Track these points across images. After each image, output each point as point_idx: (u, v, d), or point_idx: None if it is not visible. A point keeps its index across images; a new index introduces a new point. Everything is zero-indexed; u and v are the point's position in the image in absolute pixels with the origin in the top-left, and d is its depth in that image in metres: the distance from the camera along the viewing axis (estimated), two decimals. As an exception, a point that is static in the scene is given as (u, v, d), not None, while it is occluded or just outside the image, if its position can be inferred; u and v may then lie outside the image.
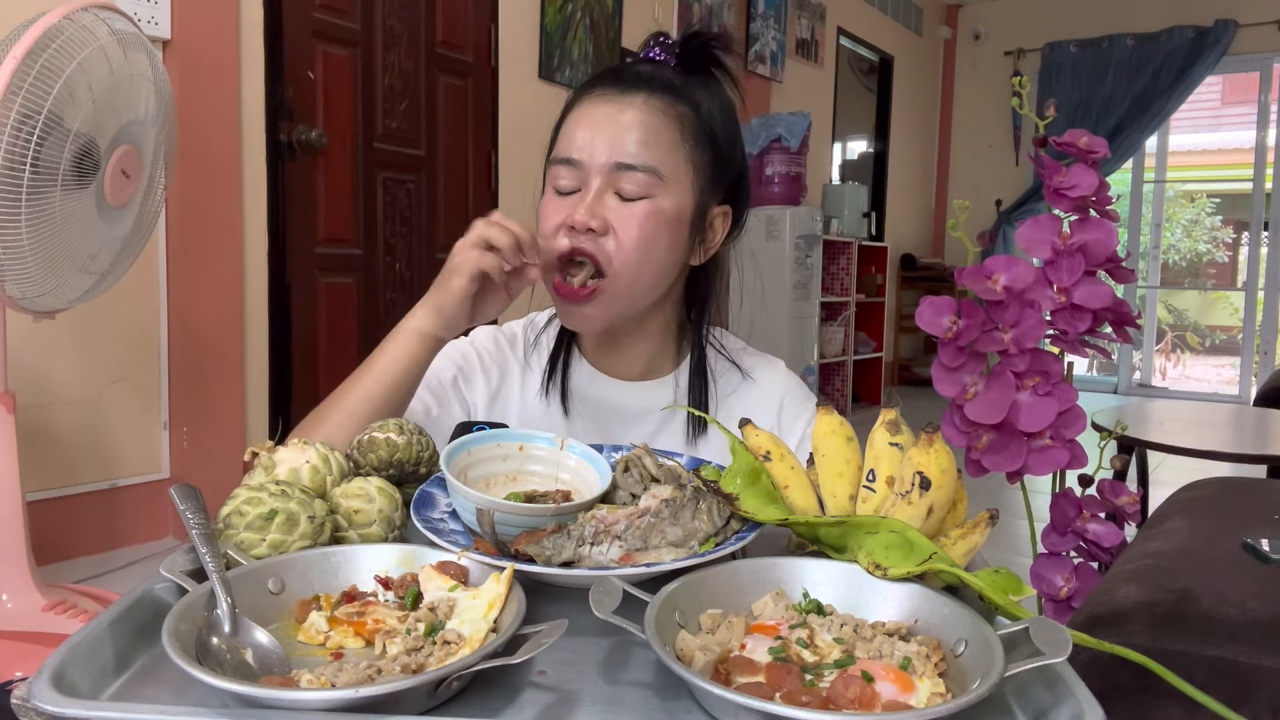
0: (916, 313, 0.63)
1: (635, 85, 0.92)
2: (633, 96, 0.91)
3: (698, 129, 0.94)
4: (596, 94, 0.93)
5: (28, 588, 1.76)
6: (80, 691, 0.46)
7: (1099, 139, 0.65)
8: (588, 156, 0.90)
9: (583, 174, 0.91)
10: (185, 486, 0.62)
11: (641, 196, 0.90)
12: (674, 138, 0.92)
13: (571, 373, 1.03)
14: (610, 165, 0.90)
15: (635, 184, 0.90)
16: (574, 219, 0.89)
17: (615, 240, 0.90)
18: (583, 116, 0.92)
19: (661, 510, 0.63)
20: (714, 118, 0.96)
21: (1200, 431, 2.70)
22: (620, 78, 0.93)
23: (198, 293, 2.55)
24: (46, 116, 1.56)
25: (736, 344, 1.09)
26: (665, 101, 0.92)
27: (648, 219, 0.90)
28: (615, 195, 0.90)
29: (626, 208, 0.90)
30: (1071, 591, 0.72)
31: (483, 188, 3.49)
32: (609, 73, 0.95)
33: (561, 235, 0.91)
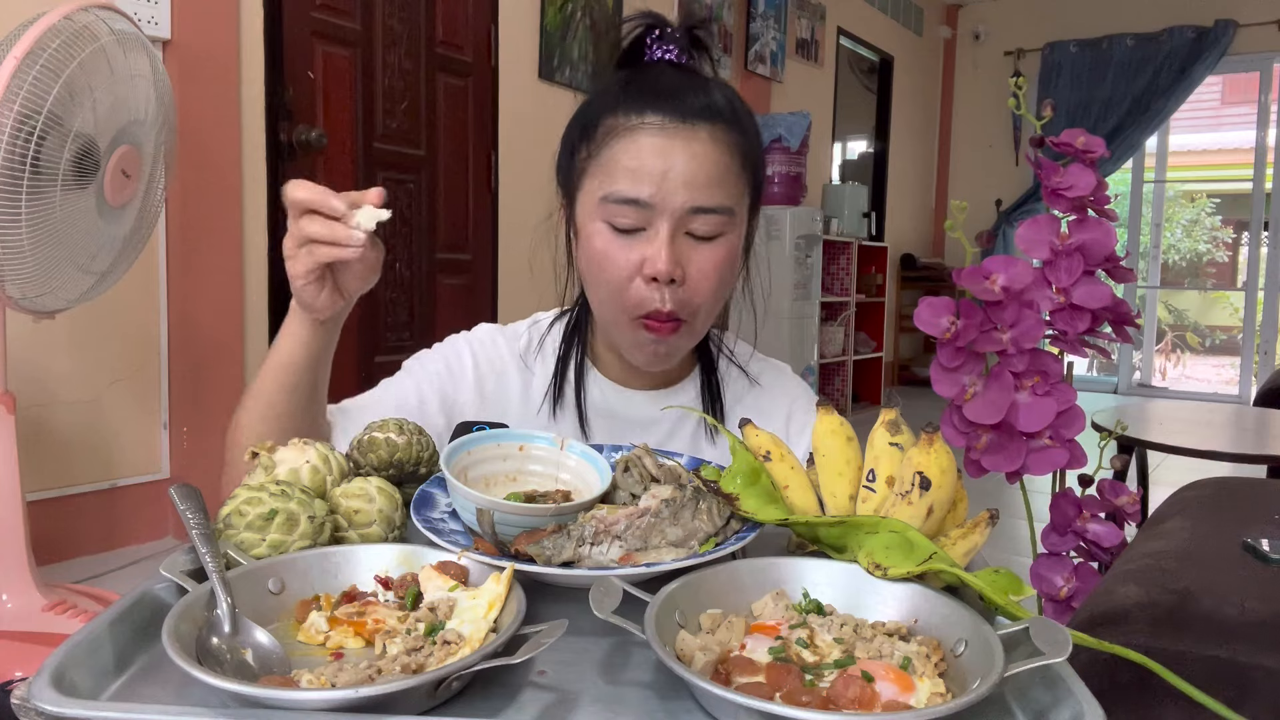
0: (915, 313, 0.63)
1: (695, 115, 0.84)
2: (696, 128, 0.84)
3: (750, 153, 0.89)
4: (652, 123, 0.84)
5: (28, 588, 1.76)
6: (80, 691, 0.46)
7: (1096, 139, 0.65)
8: (659, 198, 0.83)
9: (650, 215, 0.84)
10: (185, 486, 0.62)
11: (715, 236, 0.86)
12: (736, 171, 0.87)
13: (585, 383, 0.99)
14: (686, 209, 0.84)
15: (709, 225, 0.85)
16: (657, 269, 0.83)
17: (693, 289, 0.86)
18: (642, 150, 0.84)
19: (661, 510, 0.63)
20: (753, 132, 0.91)
21: (1200, 431, 2.70)
22: (675, 104, 0.84)
23: (198, 293, 2.55)
24: (46, 116, 1.56)
25: (744, 349, 1.07)
26: (725, 131, 0.86)
27: (723, 263, 0.87)
28: (686, 235, 0.85)
29: (702, 252, 0.85)
30: (1071, 591, 0.72)
31: (483, 188, 3.49)
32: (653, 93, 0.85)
33: (639, 284, 0.85)
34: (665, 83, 0.86)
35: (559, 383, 0.99)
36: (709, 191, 0.84)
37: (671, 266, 0.83)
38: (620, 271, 0.85)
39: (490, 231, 3.52)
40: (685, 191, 0.83)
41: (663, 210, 0.84)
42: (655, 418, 0.99)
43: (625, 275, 0.85)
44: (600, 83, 0.93)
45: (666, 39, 0.90)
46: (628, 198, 0.84)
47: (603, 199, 0.85)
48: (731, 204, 0.86)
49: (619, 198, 0.84)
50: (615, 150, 0.85)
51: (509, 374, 1.01)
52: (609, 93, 0.88)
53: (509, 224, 3.54)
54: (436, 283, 3.33)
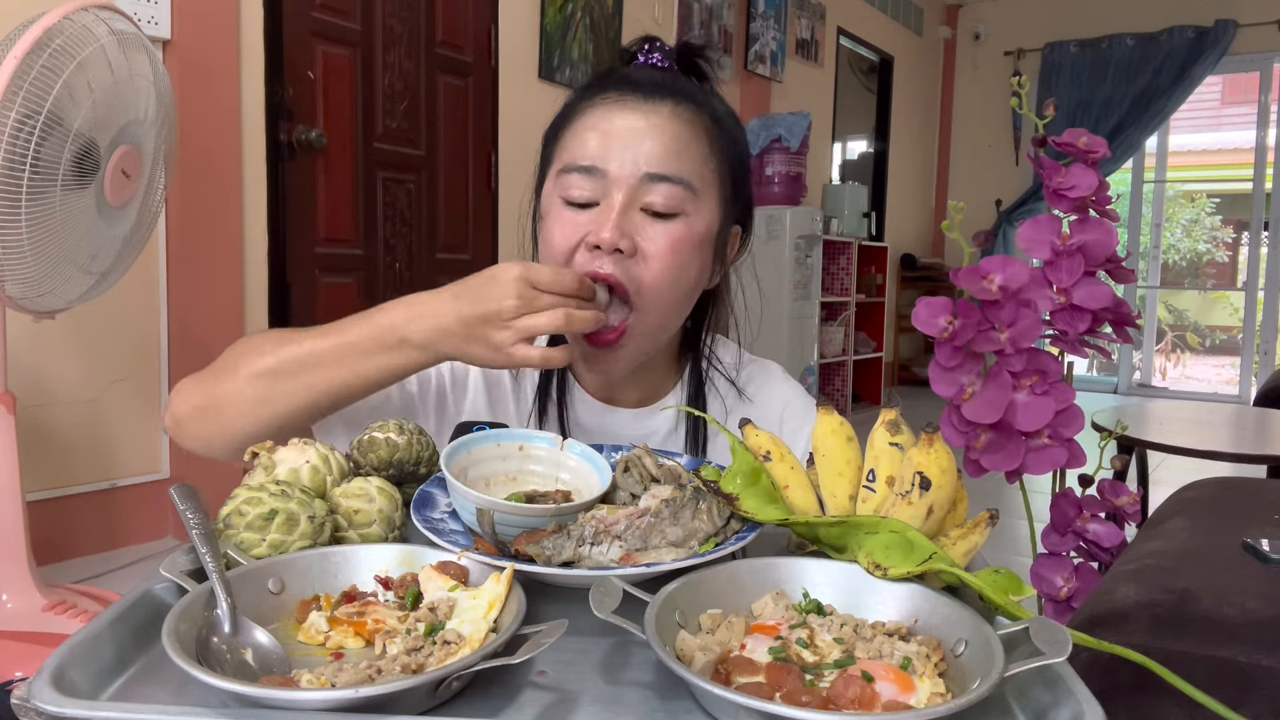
0: (912, 313, 0.63)
1: (659, 92, 0.84)
2: (659, 103, 0.83)
3: (721, 141, 0.87)
4: (613, 99, 0.84)
5: (28, 588, 1.76)
6: (80, 691, 0.46)
7: (1098, 139, 0.65)
8: (614, 165, 0.81)
9: (603, 185, 0.81)
10: (185, 486, 0.62)
11: (673, 213, 0.82)
12: (703, 150, 0.84)
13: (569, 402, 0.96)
14: (640, 176, 0.81)
15: (666, 198, 0.81)
16: (600, 237, 0.79)
17: (644, 264, 0.81)
18: (600, 122, 0.83)
19: (661, 510, 0.63)
20: (732, 130, 0.89)
21: (1200, 431, 2.70)
22: (640, 84, 0.85)
23: (198, 293, 2.55)
24: (46, 116, 1.56)
25: (730, 353, 1.03)
26: (691, 111, 0.85)
27: (680, 241, 0.82)
28: (642, 211, 0.82)
29: (657, 226, 0.81)
30: (1071, 591, 0.72)
31: (483, 188, 3.49)
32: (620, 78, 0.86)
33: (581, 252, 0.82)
34: (635, 72, 0.87)
35: (543, 400, 0.96)
36: (666, 160, 0.81)
37: (616, 234, 0.79)
38: (565, 240, 0.82)
39: (490, 231, 3.52)
40: (640, 157, 0.81)
41: (617, 178, 0.81)
42: (640, 435, 0.96)
43: (570, 245, 0.82)
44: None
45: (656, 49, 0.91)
46: (580, 165, 0.82)
47: (559, 173, 0.84)
48: (692, 179, 0.82)
49: (574, 166, 0.82)
50: (576, 125, 0.85)
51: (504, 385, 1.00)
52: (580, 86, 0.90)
53: (509, 224, 3.54)
54: (436, 283, 3.30)
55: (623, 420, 0.97)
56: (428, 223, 3.28)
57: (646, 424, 0.97)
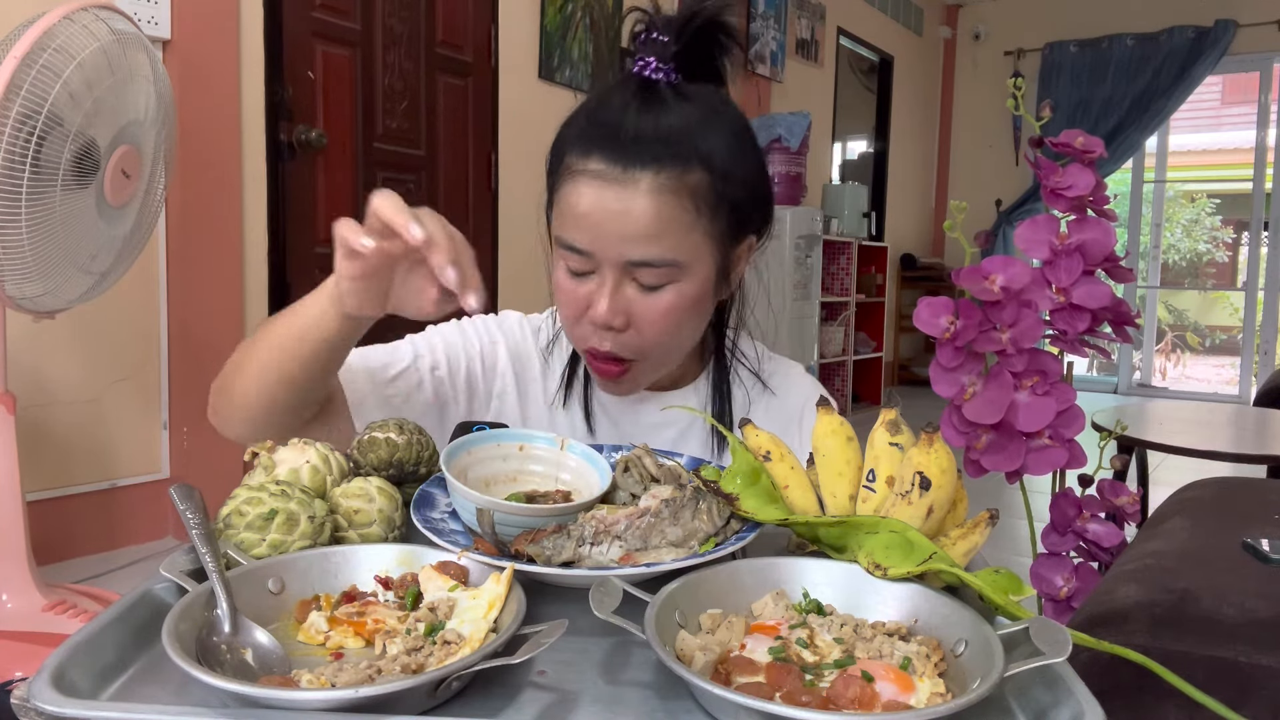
0: (914, 313, 0.63)
1: (638, 160, 0.80)
2: (637, 177, 0.80)
3: (713, 194, 0.83)
4: (595, 171, 0.81)
5: (28, 588, 1.76)
6: (80, 691, 0.46)
7: (1095, 139, 0.65)
8: (599, 250, 0.82)
9: (595, 261, 0.83)
10: (185, 486, 0.62)
11: (663, 284, 0.83)
12: (689, 220, 0.82)
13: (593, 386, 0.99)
14: (624, 261, 0.82)
15: (654, 276, 0.83)
16: (595, 318, 0.83)
17: (639, 334, 0.84)
18: (582, 198, 0.81)
19: (661, 510, 0.63)
20: (730, 160, 0.84)
21: (1200, 431, 2.70)
22: (620, 149, 0.80)
23: (198, 293, 2.55)
24: (46, 116, 1.56)
25: (757, 350, 1.05)
26: (674, 176, 0.80)
27: (671, 310, 0.84)
28: (633, 283, 0.83)
29: (647, 299, 0.83)
30: (1071, 591, 0.72)
31: (483, 188, 3.48)
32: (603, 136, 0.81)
33: (585, 323, 0.86)
34: (622, 119, 0.81)
35: (569, 381, 1.00)
36: (646, 245, 0.81)
37: (610, 316, 0.83)
38: (572, 309, 0.86)
39: (490, 231, 3.51)
40: (621, 245, 0.81)
41: (603, 260, 0.82)
42: (663, 420, 0.98)
43: (576, 313, 0.86)
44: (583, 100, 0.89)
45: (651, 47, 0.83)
46: (572, 246, 0.83)
47: (556, 240, 0.86)
48: (677, 256, 0.82)
49: (565, 244, 0.84)
50: (565, 193, 0.84)
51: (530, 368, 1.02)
52: (576, 118, 0.86)
53: (509, 224, 3.54)
54: (436, 283, 3.33)
55: (645, 403, 0.99)
56: (428, 223, 3.28)
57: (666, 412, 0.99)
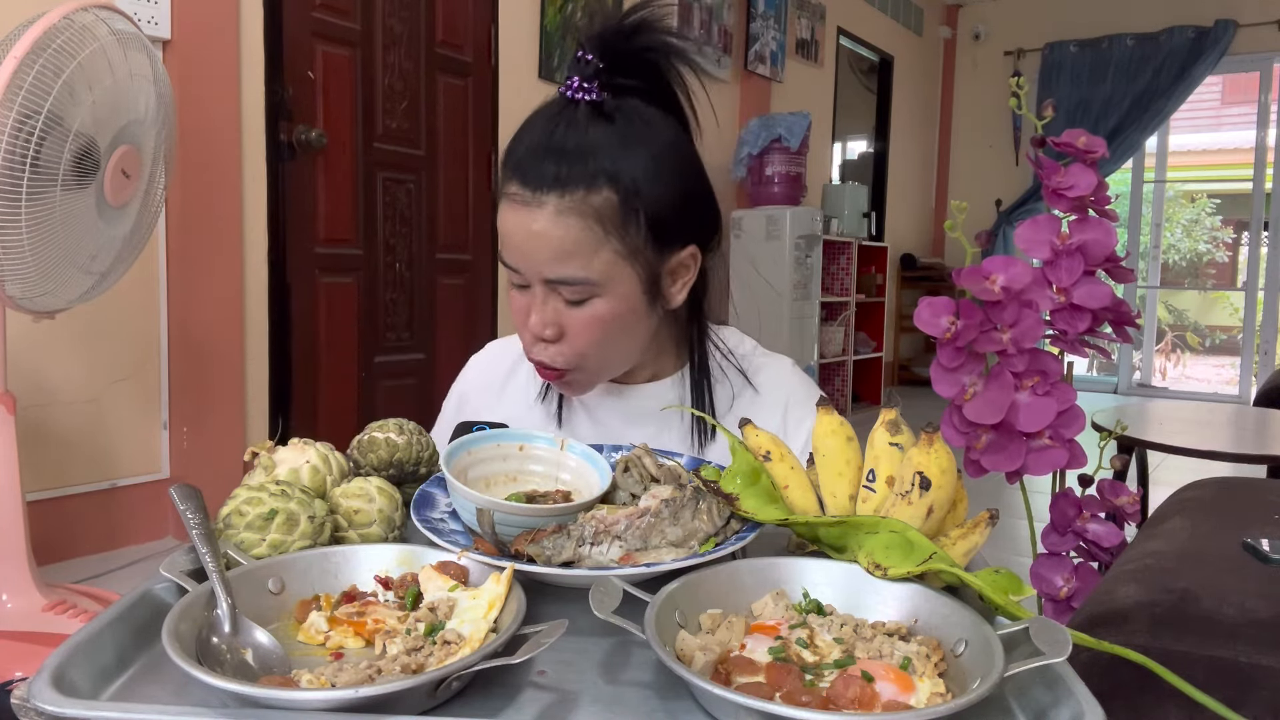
0: (915, 313, 0.63)
1: (542, 186, 0.83)
2: (542, 201, 0.83)
3: (621, 213, 0.84)
4: (512, 194, 0.85)
5: (28, 588, 1.76)
6: (80, 691, 0.46)
7: (1097, 139, 0.65)
8: (524, 268, 0.86)
9: (525, 278, 0.87)
10: (185, 486, 0.62)
11: (583, 299, 0.87)
12: (594, 240, 0.84)
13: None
14: (543, 279, 0.86)
15: (572, 293, 0.86)
16: (530, 327, 0.88)
17: (570, 344, 0.89)
18: (505, 221, 0.86)
19: (661, 510, 0.63)
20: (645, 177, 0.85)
21: (1200, 431, 2.70)
22: (530, 174, 0.84)
23: (198, 292, 2.55)
24: (46, 116, 1.56)
25: (744, 345, 1.05)
26: (577, 199, 0.83)
27: (593, 323, 0.87)
28: (557, 297, 0.87)
29: (572, 313, 0.87)
30: (1071, 591, 0.72)
31: (483, 188, 3.48)
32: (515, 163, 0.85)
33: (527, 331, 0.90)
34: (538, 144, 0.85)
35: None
36: (557, 265, 0.84)
37: (540, 327, 0.88)
38: (517, 319, 0.91)
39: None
40: (539, 265, 0.85)
41: (530, 277, 0.87)
42: (642, 412, 1.00)
43: (520, 321, 0.91)
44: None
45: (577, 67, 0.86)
46: (506, 263, 0.89)
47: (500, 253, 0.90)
48: (588, 275, 0.85)
49: (503, 260, 0.89)
50: (500, 214, 0.88)
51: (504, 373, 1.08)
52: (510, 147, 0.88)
53: (509, 224, 3.54)
54: (436, 283, 3.33)
55: (625, 398, 1.00)
56: (428, 223, 3.28)
57: (647, 402, 1.00)
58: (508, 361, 1.08)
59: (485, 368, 1.11)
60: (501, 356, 1.10)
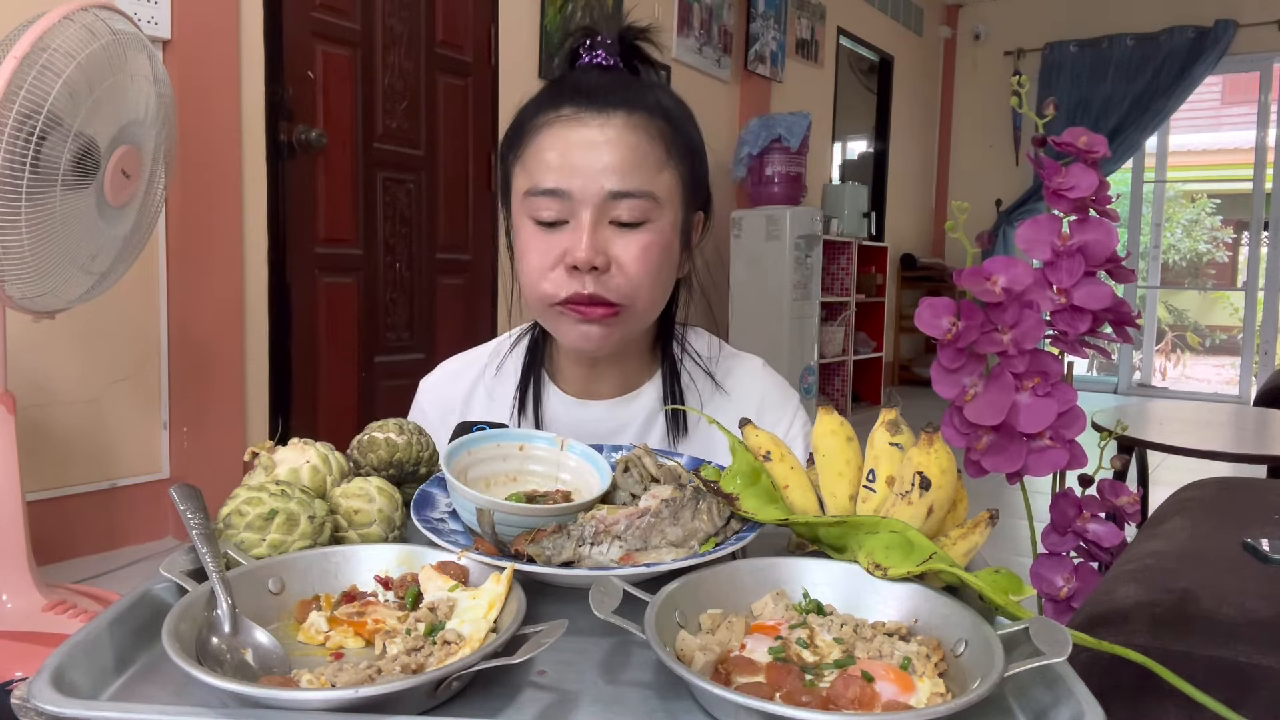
0: (915, 314, 0.63)
1: (611, 103, 0.84)
2: (612, 116, 0.84)
3: (678, 142, 0.88)
4: (568, 116, 0.85)
5: (28, 588, 1.76)
6: (80, 691, 0.46)
7: (1098, 138, 0.65)
8: (577, 186, 0.83)
9: (570, 205, 0.84)
10: (185, 486, 0.62)
11: (640, 222, 0.85)
12: (660, 156, 0.86)
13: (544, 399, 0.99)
14: (604, 194, 0.83)
15: (631, 211, 0.84)
16: (576, 258, 0.83)
17: (621, 274, 0.85)
18: (557, 142, 0.84)
19: (661, 510, 0.63)
20: (686, 126, 0.90)
21: (1200, 431, 2.70)
22: (591, 95, 0.85)
23: (198, 292, 2.55)
24: (46, 116, 1.56)
25: (711, 347, 1.03)
26: (644, 118, 0.85)
27: (650, 248, 0.86)
28: (610, 224, 0.85)
29: (627, 237, 0.85)
30: (1071, 591, 0.72)
31: (483, 188, 3.48)
32: (572, 89, 0.86)
33: (559, 273, 0.85)
34: (585, 79, 0.88)
35: (521, 399, 0.99)
36: (626, 176, 0.83)
37: (591, 254, 0.83)
38: (543, 261, 0.86)
39: (490, 231, 3.51)
40: (601, 177, 0.83)
41: (582, 199, 0.84)
42: (617, 426, 0.98)
43: (548, 265, 0.86)
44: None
45: (597, 46, 0.91)
46: (547, 189, 0.84)
47: (526, 194, 0.86)
48: (653, 189, 0.85)
49: (539, 190, 0.85)
50: (535, 145, 0.86)
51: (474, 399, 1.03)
52: (535, 97, 0.90)
53: (509, 224, 3.54)
54: (436, 283, 3.33)
55: (597, 413, 0.98)
56: (428, 223, 3.28)
57: (620, 415, 0.98)
58: (463, 384, 1.04)
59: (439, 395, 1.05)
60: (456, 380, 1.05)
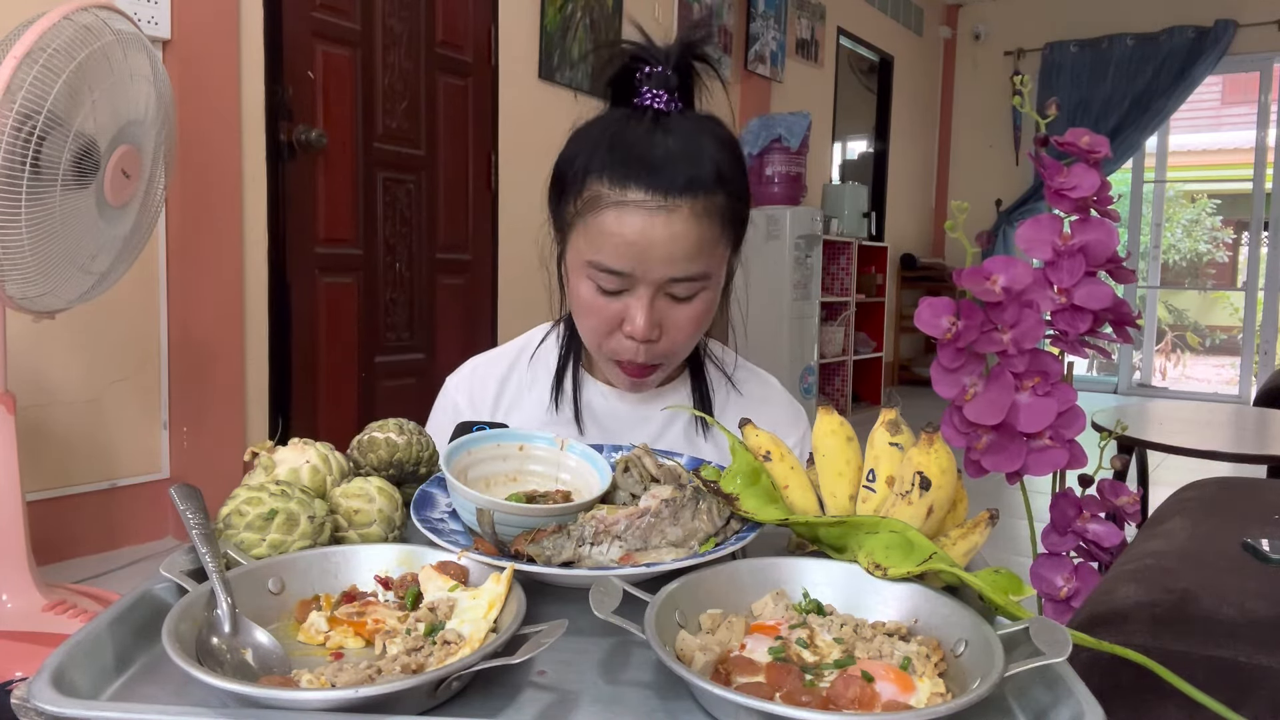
0: (915, 314, 0.63)
1: (675, 189, 0.87)
2: (678, 203, 0.87)
3: (731, 213, 0.92)
4: (635, 200, 0.87)
5: (28, 588, 1.76)
6: (80, 691, 0.46)
7: (1100, 138, 0.65)
8: (640, 271, 0.88)
9: (631, 281, 0.89)
10: (185, 486, 0.62)
11: (693, 295, 0.92)
12: (716, 236, 0.91)
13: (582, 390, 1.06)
14: (665, 280, 0.89)
15: (687, 290, 0.91)
16: (634, 332, 0.90)
17: (670, 341, 0.93)
18: (626, 227, 0.87)
19: (661, 510, 0.63)
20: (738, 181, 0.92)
21: (1200, 431, 2.70)
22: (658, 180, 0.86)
23: (198, 292, 2.55)
24: (46, 116, 1.56)
25: (729, 358, 1.11)
26: (706, 200, 0.88)
27: (698, 318, 0.93)
28: (666, 297, 0.91)
29: (679, 310, 0.92)
30: (1071, 591, 0.72)
31: (483, 188, 3.48)
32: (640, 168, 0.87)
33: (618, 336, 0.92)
34: (651, 154, 0.88)
35: (558, 388, 1.06)
36: (687, 264, 0.89)
37: (649, 330, 0.90)
38: (602, 323, 0.93)
39: (490, 231, 3.51)
40: (664, 266, 0.88)
41: (643, 279, 0.89)
42: (646, 416, 1.05)
43: (607, 327, 0.93)
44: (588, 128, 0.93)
45: (656, 80, 0.90)
46: (611, 269, 0.89)
47: (589, 262, 0.90)
48: (708, 269, 0.91)
49: (603, 267, 0.89)
50: (601, 221, 0.88)
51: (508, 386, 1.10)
52: (598, 149, 0.90)
53: (509, 224, 3.54)
54: (436, 283, 3.33)
55: (626, 403, 1.05)
56: (428, 223, 3.28)
57: (652, 406, 1.06)
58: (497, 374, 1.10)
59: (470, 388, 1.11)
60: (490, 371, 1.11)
